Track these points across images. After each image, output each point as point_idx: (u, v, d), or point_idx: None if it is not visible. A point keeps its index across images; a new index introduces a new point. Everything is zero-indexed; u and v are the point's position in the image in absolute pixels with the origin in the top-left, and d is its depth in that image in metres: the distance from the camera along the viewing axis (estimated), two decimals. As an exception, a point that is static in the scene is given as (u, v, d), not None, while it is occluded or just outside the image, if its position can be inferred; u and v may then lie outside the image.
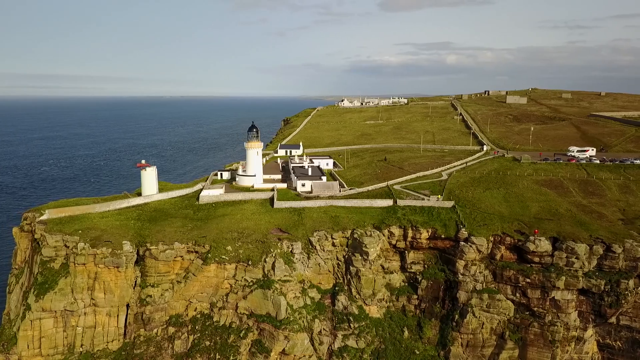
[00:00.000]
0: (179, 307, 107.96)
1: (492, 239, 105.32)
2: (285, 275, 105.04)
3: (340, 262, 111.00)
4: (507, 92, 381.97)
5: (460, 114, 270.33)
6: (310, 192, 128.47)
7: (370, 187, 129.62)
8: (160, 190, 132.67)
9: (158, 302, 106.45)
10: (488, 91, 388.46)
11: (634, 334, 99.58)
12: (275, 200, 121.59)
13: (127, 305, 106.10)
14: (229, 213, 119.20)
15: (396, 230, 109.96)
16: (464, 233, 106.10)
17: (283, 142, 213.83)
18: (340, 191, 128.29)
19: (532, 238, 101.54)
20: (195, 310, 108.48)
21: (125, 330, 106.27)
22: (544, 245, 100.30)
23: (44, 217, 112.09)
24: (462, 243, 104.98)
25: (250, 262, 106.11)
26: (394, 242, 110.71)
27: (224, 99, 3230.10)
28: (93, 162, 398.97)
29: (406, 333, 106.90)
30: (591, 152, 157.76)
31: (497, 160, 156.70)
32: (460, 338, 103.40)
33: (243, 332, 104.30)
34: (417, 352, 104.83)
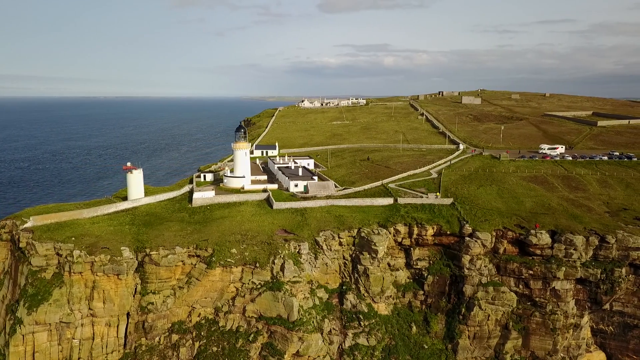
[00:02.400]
0: (182, 314, 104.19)
1: (494, 233, 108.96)
2: (294, 277, 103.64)
3: (347, 261, 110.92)
4: (460, 93, 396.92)
5: (423, 114, 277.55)
6: (305, 192, 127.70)
7: (366, 187, 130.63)
8: (145, 193, 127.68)
9: (160, 309, 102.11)
10: (442, 92, 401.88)
11: (625, 319, 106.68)
12: (273, 201, 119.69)
13: (127, 314, 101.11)
14: (227, 215, 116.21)
15: (402, 228, 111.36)
16: (468, 229, 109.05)
17: (257, 143, 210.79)
18: (335, 191, 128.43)
19: (533, 231, 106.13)
20: (199, 316, 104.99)
21: (125, 341, 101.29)
22: (545, 238, 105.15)
23: (28, 225, 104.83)
24: (467, 238, 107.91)
25: (257, 264, 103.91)
26: (399, 239, 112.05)
27: (163, 99, 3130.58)
28: (31, 166, 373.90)
29: (414, 328, 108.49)
30: (561, 149, 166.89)
31: (477, 158, 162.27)
32: (467, 330, 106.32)
33: (252, 335, 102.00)
34: (426, 347, 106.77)
